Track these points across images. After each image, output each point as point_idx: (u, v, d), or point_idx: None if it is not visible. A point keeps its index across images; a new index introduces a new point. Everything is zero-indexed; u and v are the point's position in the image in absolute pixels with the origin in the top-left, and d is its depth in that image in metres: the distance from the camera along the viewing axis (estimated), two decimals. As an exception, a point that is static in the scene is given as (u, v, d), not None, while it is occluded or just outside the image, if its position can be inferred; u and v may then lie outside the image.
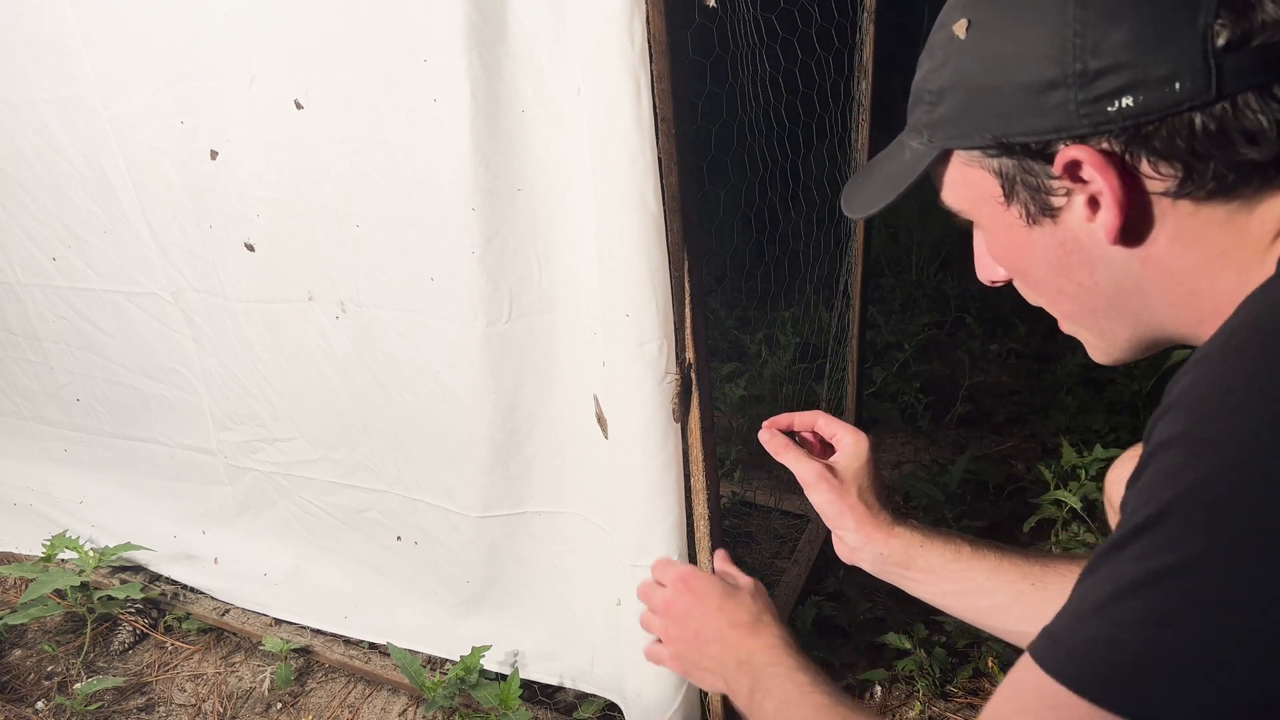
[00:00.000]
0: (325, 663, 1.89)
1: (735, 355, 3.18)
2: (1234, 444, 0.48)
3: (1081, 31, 0.56)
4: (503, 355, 1.40)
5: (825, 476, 0.98)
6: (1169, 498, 0.49)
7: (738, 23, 1.59)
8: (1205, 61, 0.53)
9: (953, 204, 0.72)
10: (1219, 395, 0.51)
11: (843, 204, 0.80)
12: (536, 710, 1.69)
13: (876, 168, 0.77)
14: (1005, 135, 0.61)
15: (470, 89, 1.19)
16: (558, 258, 1.30)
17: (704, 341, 1.20)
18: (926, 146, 0.69)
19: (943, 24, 0.66)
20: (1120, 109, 0.56)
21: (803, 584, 1.95)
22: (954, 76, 0.64)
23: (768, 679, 0.86)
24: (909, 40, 1.00)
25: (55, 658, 1.95)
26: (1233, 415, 0.49)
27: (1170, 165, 0.57)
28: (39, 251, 1.87)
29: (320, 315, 1.55)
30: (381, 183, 1.35)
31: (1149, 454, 0.53)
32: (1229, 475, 0.47)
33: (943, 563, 0.93)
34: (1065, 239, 0.64)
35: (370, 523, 1.77)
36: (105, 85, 1.55)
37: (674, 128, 1.05)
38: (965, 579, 0.92)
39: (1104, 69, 0.56)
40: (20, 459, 2.30)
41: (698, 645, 0.96)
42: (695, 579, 1.00)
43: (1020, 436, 2.59)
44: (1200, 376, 0.53)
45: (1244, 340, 0.53)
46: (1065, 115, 0.58)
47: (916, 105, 0.69)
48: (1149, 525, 0.50)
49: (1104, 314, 0.68)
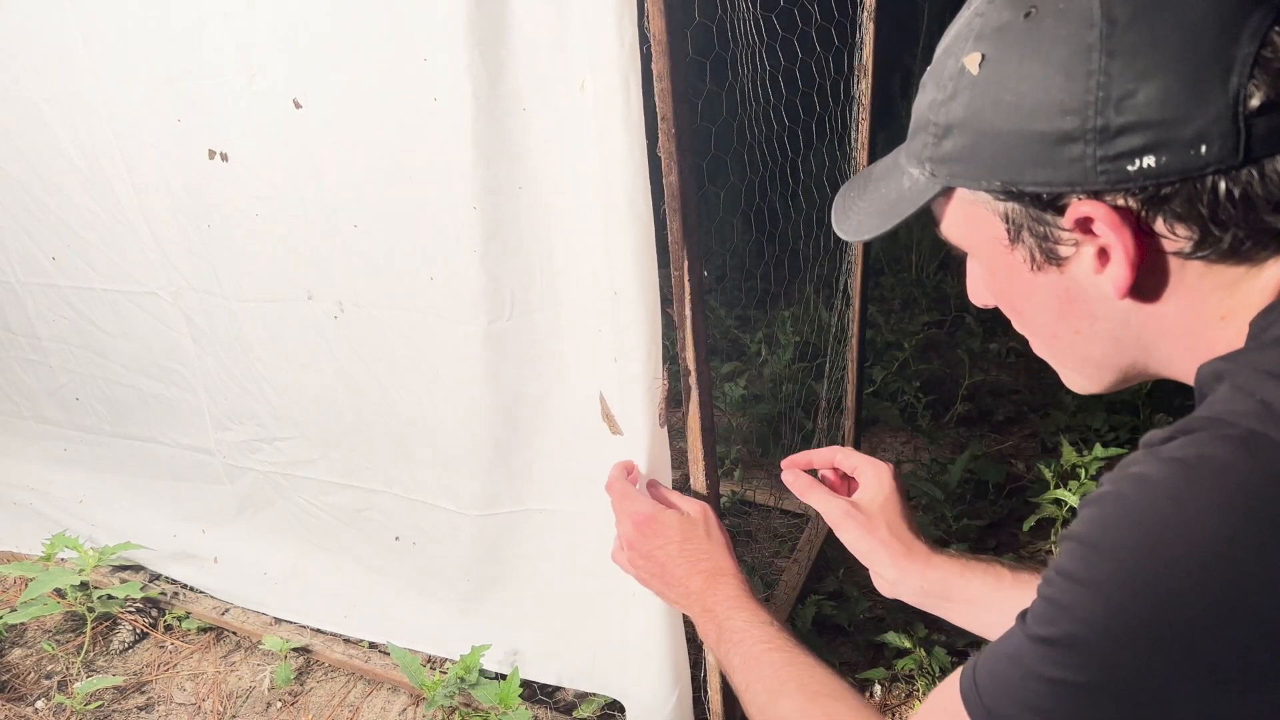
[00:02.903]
0: (325, 662, 1.89)
1: (735, 355, 3.18)
2: (1123, 594, 0.49)
3: (1106, 84, 0.53)
4: (504, 353, 1.40)
5: (851, 514, 0.97)
6: (1068, 631, 0.51)
7: (738, 21, 1.59)
8: (1235, 125, 0.51)
9: (952, 238, 0.69)
10: (1113, 542, 0.50)
11: (834, 219, 0.77)
12: (536, 709, 1.69)
13: (872, 186, 0.74)
14: (1015, 184, 0.58)
15: (472, 87, 1.19)
16: (560, 255, 1.30)
17: (704, 341, 1.20)
18: (929, 180, 0.65)
19: (952, 51, 0.62)
20: (1141, 169, 0.53)
21: (802, 583, 1.95)
22: (963, 114, 0.60)
23: (730, 632, 0.94)
24: (909, 39, 1.00)
25: (55, 657, 1.95)
26: (1123, 571, 0.49)
27: (1187, 227, 0.54)
28: (39, 250, 1.87)
29: (319, 314, 1.55)
30: (381, 181, 1.35)
31: (1057, 562, 0.54)
32: (1116, 624, 0.49)
33: (984, 593, 0.92)
34: (1070, 288, 0.62)
35: (369, 522, 1.76)
36: (104, 84, 1.55)
37: (674, 127, 1.04)
38: (1008, 609, 0.93)
39: (1127, 126, 0.53)
40: (20, 458, 2.30)
41: (663, 582, 1.07)
42: (654, 521, 1.09)
43: (1020, 435, 2.59)
44: (1105, 515, 0.52)
45: (1148, 487, 0.51)
46: (1082, 170, 0.55)
47: (919, 133, 0.65)
48: (1053, 642, 0.52)
49: (1097, 360, 0.66)
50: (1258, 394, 0.50)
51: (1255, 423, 0.48)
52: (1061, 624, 0.51)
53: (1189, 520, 0.47)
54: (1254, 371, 0.52)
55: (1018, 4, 0.57)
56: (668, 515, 1.10)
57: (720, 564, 1.05)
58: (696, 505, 1.13)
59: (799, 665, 0.86)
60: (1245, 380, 0.52)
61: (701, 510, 1.12)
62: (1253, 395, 0.50)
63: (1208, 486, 0.47)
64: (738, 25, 1.59)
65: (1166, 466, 0.50)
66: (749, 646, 0.91)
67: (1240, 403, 0.51)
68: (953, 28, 0.64)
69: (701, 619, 1.01)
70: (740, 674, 0.91)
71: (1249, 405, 0.50)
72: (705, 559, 1.06)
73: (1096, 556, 0.50)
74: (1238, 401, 0.51)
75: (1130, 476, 0.52)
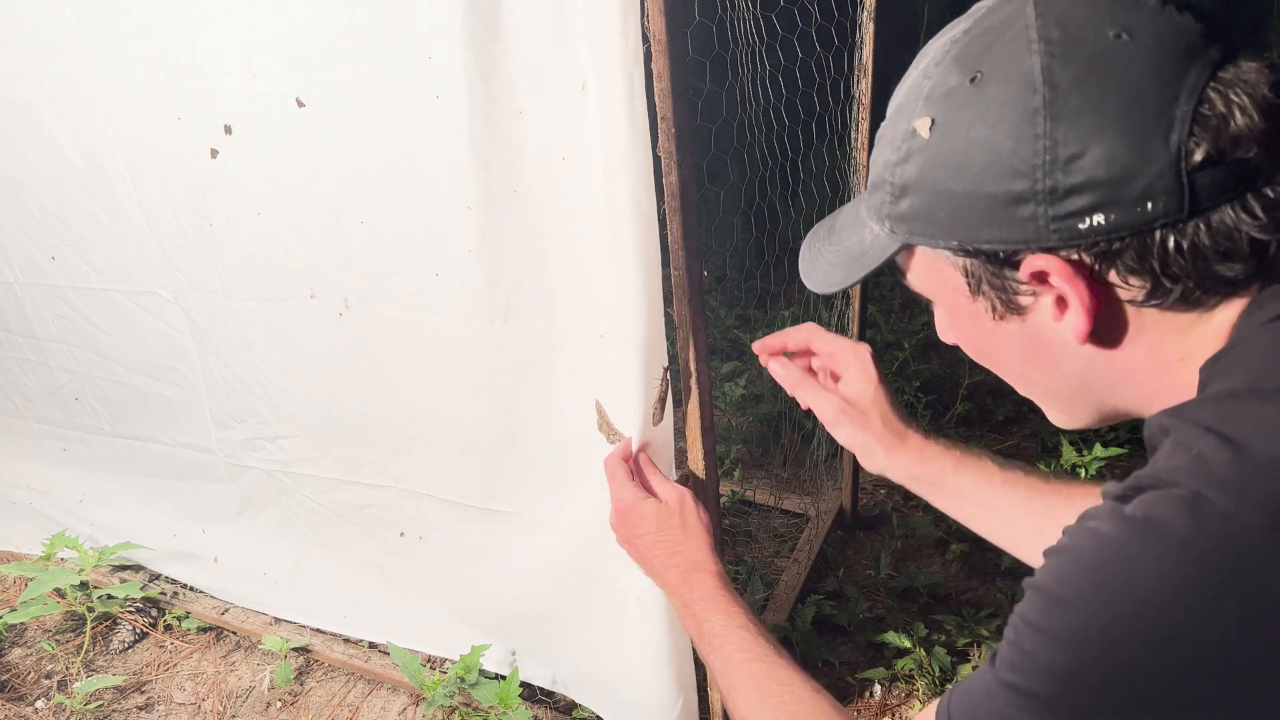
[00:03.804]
0: (325, 661, 1.89)
1: (735, 354, 3.18)
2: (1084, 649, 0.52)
3: (1052, 148, 0.55)
4: (498, 356, 1.40)
5: (846, 410, 0.99)
6: (1031, 676, 0.55)
7: (738, 21, 1.59)
8: (1179, 180, 0.53)
9: (917, 288, 0.71)
10: (1070, 596, 0.53)
11: (801, 267, 0.79)
12: (536, 709, 1.69)
13: (836, 236, 0.76)
14: (971, 242, 0.60)
15: (466, 87, 1.18)
16: (556, 262, 1.29)
17: (704, 341, 1.20)
18: (889, 236, 0.67)
19: (903, 111, 0.64)
20: (1091, 226, 0.55)
21: (802, 583, 1.95)
22: (917, 176, 0.62)
23: (710, 635, 0.95)
24: (909, 39, 0.99)
25: (55, 656, 1.95)
26: (1077, 624, 0.52)
27: (1140, 278, 0.57)
28: (38, 250, 1.87)
29: (323, 313, 1.55)
30: (384, 179, 1.35)
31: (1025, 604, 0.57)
32: (1071, 671, 0.52)
33: (973, 487, 0.96)
34: (1033, 334, 0.64)
35: (372, 519, 1.76)
36: (104, 83, 1.55)
37: (674, 126, 1.04)
38: (992, 505, 0.96)
39: (1075, 187, 0.55)
40: (20, 458, 2.30)
41: (646, 569, 1.10)
42: (631, 511, 1.11)
43: (1020, 435, 2.59)
44: (1062, 569, 0.55)
45: (1102, 544, 0.54)
46: (1035, 229, 0.57)
47: (878, 189, 0.67)
48: (1017, 689, 0.55)
49: (1067, 397, 0.69)
50: (1194, 448, 0.53)
51: (1196, 482, 0.51)
52: (1025, 670, 0.55)
53: (1135, 579, 0.51)
54: (1194, 426, 0.54)
55: (964, 69, 0.59)
56: (645, 505, 1.11)
57: (695, 557, 1.05)
58: (675, 493, 1.13)
59: (779, 681, 0.86)
60: (1186, 435, 0.54)
61: (679, 498, 1.12)
62: (1190, 450, 0.53)
63: (1153, 547, 0.51)
64: (738, 25, 1.59)
65: (1119, 525, 0.53)
66: (728, 654, 0.92)
67: (1180, 458, 0.53)
68: (903, 86, 0.65)
69: (681, 613, 1.03)
70: (721, 679, 0.93)
71: (1187, 461, 0.53)
72: (680, 550, 1.07)
73: (1056, 608, 0.54)
74: (1178, 457, 0.54)
75: (1088, 531, 0.55)
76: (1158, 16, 0.55)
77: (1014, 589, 1.93)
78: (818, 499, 2.23)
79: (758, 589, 1.97)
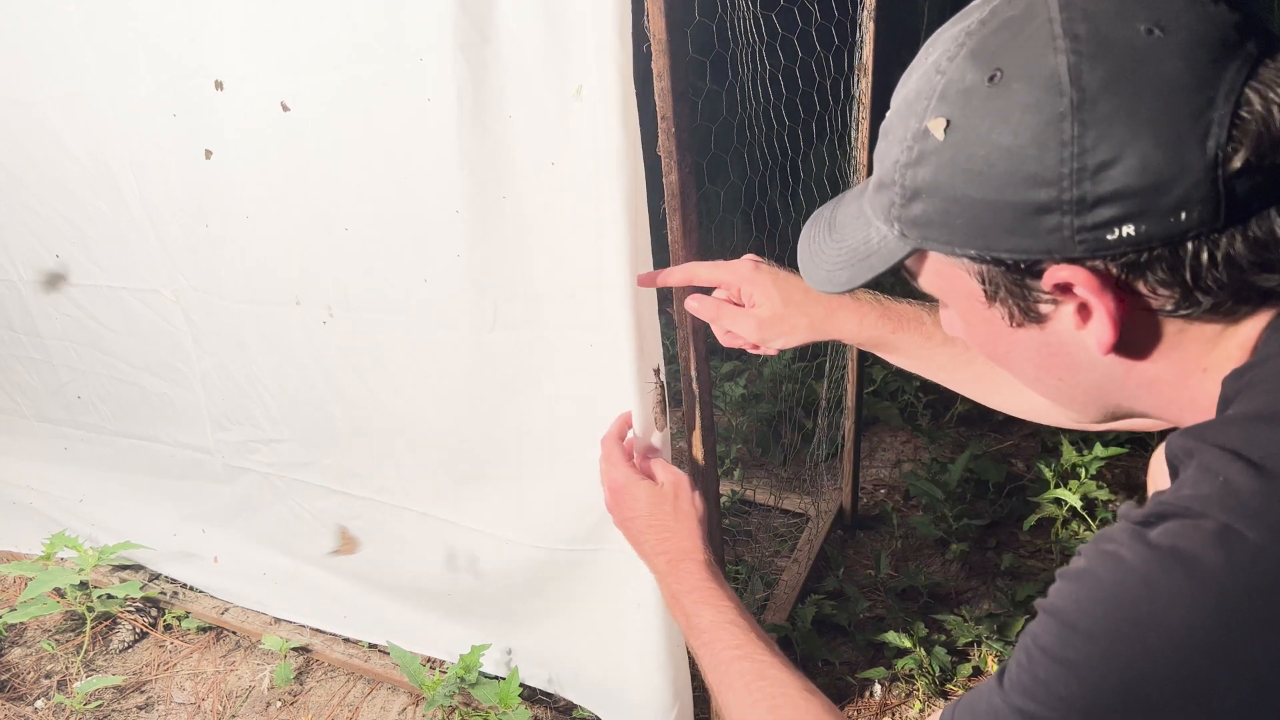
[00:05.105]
0: (325, 661, 1.89)
1: (735, 354, 3.17)
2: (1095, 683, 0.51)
3: (1080, 156, 0.51)
4: (485, 365, 1.38)
5: (767, 324, 1.01)
6: (1046, 706, 0.53)
7: (738, 20, 1.59)
8: (1215, 189, 0.49)
9: (929, 291, 0.68)
10: (1089, 625, 0.52)
11: (801, 266, 0.76)
12: (536, 709, 1.69)
13: (838, 233, 0.72)
14: (990, 251, 0.57)
15: (456, 91, 1.17)
16: (544, 270, 1.27)
17: (704, 341, 1.20)
18: (899, 239, 0.63)
19: (913, 107, 0.59)
20: (1121, 237, 0.52)
21: (802, 582, 1.95)
22: (931, 180, 0.58)
23: (698, 630, 0.94)
24: (909, 38, 1.00)
25: (54, 656, 1.95)
26: (1098, 655, 0.51)
27: (1169, 289, 0.54)
28: (42, 248, 1.87)
29: (308, 319, 1.54)
30: (372, 184, 1.34)
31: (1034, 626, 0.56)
32: (1089, 703, 0.51)
33: (913, 346, 1.01)
34: (1051, 342, 0.61)
35: (358, 532, 1.77)
36: (109, 82, 1.54)
37: (674, 126, 1.04)
38: (939, 364, 1.01)
39: (1105, 197, 0.51)
40: (20, 457, 2.30)
41: (639, 549, 1.09)
42: (624, 492, 1.10)
43: (1020, 435, 2.59)
44: (1080, 595, 0.53)
45: (1124, 572, 0.52)
46: (1059, 240, 0.53)
47: (885, 189, 0.62)
48: (1031, 716, 0.54)
49: (1082, 400, 0.67)
50: (1221, 475, 0.51)
51: (1225, 514, 0.49)
52: (1040, 699, 0.53)
53: (1160, 611, 0.49)
54: (1220, 450, 0.52)
55: (981, 65, 0.55)
56: (638, 487, 1.09)
57: (684, 545, 1.03)
58: (671, 476, 1.11)
59: (769, 680, 0.85)
60: (1211, 460, 0.52)
61: (674, 483, 1.10)
62: (1217, 477, 0.51)
63: (1180, 580, 0.49)
64: (738, 24, 1.59)
65: (1143, 553, 0.51)
66: (717, 651, 0.91)
67: (1206, 485, 0.51)
68: (910, 78, 0.61)
69: (670, 604, 1.01)
70: (710, 676, 0.91)
71: (1214, 489, 0.51)
72: (670, 537, 1.05)
73: (1074, 637, 0.52)
74: (1204, 485, 0.51)
75: (1107, 555, 0.53)
76: (1191, 8, 0.52)
77: (1014, 589, 1.93)
78: (818, 499, 2.23)
79: (758, 589, 1.97)
